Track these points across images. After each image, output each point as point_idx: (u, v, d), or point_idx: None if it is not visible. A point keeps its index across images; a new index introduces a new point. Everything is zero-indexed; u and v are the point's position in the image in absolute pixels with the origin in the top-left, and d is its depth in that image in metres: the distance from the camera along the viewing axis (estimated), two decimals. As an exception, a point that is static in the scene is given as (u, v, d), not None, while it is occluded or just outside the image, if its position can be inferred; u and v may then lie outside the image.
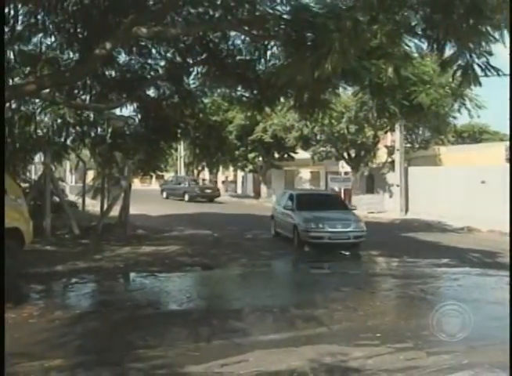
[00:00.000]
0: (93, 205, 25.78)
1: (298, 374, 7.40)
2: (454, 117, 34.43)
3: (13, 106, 20.49)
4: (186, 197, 50.67)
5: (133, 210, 22.34)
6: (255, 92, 19.20)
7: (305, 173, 53.85)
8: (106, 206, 22.18)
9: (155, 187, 64.57)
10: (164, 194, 54.97)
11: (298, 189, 41.37)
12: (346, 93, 28.66)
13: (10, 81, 18.67)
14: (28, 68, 19.21)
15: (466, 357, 7.91)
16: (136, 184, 45.85)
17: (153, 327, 9.75)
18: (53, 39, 18.68)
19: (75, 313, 10.55)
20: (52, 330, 9.27)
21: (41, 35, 18.38)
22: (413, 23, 12.93)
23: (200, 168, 65.41)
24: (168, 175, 64.85)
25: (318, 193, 29.54)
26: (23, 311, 10.41)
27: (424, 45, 13.63)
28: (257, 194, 55.06)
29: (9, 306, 10.42)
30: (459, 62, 12.72)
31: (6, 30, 17.54)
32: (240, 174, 63.07)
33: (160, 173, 36.47)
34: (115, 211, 22.38)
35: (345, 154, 42.54)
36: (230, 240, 21.29)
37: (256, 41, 17.15)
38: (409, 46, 14.47)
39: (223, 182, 68.05)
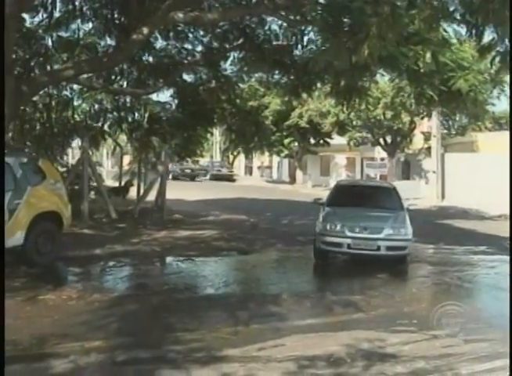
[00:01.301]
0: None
1: (335, 359, 7.41)
2: (493, 104, 34.08)
3: (51, 91, 20.71)
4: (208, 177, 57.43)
5: (169, 194, 22.44)
6: (292, 77, 19.17)
7: (341, 159, 53.63)
8: (142, 190, 22.34)
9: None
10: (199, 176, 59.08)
11: (347, 179, 40.95)
12: (383, 79, 28.41)
13: (48, 67, 18.86)
14: (66, 54, 19.34)
15: (503, 345, 7.85)
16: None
17: (190, 310, 9.82)
18: (91, 25, 18.83)
19: (113, 296, 10.69)
20: (91, 312, 9.38)
21: (78, 21, 18.51)
22: (452, 9, 12.78)
23: (235, 154, 65.56)
24: (204, 160, 65.20)
25: (367, 184, 20.77)
26: (63, 293, 10.55)
27: (463, 31, 13.50)
28: (293, 180, 54.99)
29: (48, 288, 10.69)
30: (498, 48, 12.55)
31: (44, 16, 17.75)
32: (276, 159, 63.02)
33: (195, 158, 36.69)
34: (151, 196, 22.51)
35: (381, 140, 42.32)
36: (266, 226, 21.31)
37: (293, 26, 17.11)
38: (447, 32, 14.36)
39: (258, 167, 68.12)
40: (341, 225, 14.14)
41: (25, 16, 17.49)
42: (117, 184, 25.76)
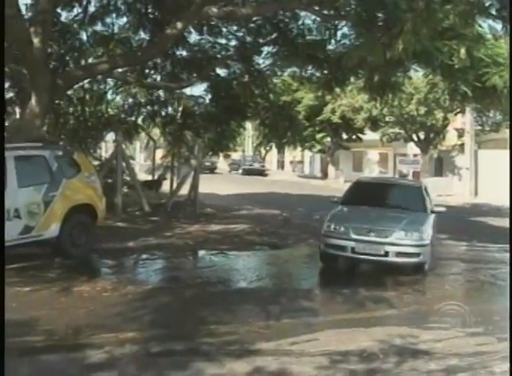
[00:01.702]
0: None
1: (368, 355, 7.40)
2: (528, 101, 33.60)
3: (85, 85, 20.90)
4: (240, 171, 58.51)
5: (202, 188, 22.53)
6: (325, 71, 19.15)
7: (373, 154, 53.39)
8: (175, 184, 22.44)
9: (221, 166, 65.00)
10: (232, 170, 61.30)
11: (374, 175, 40.67)
12: (416, 74, 28.23)
13: (83, 61, 19.06)
14: (101, 48, 19.51)
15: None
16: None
17: (223, 303, 9.88)
18: (125, 20, 18.97)
19: (147, 288, 10.75)
20: (125, 303, 9.46)
21: (113, 16, 18.67)
22: (487, 4, 12.68)
23: (267, 148, 65.62)
24: (236, 155, 65.40)
25: (389, 182, 17.62)
26: (97, 285, 10.66)
27: (498, 26, 13.37)
28: (325, 175, 54.86)
29: (83, 280, 10.82)
30: (535, 44, 12.43)
31: (80, 11, 17.94)
32: (308, 154, 62.94)
33: (228, 152, 36.77)
34: (184, 190, 22.61)
35: (414, 136, 42.04)
36: (298, 221, 21.28)
37: (326, 20, 17.10)
38: (482, 27, 14.23)
39: (291, 162, 68.09)
40: (346, 226, 12.65)
41: (60, 11, 17.71)
42: (149, 178, 25.91)
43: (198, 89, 63.27)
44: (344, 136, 51.13)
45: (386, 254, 12.26)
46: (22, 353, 7.09)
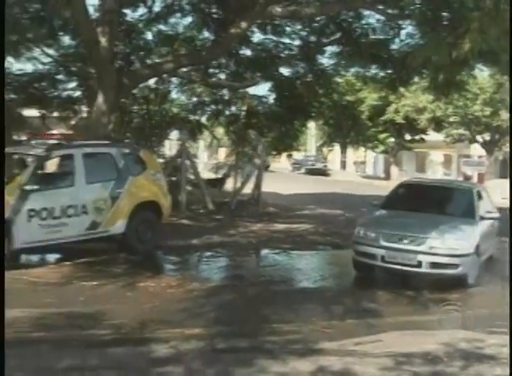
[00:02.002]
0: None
1: (432, 358, 7.30)
2: None
3: (151, 84, 21.14)
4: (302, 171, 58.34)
5: (264, 187, 22.55)
6: (389, 71, 19.01)
7: (437, 155, 52.71)
8: (238, 183, 22.50)
9: (283, 166, 65.01)
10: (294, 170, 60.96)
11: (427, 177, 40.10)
12: (481, 74, 27.78)
13: (148, 60, 19.30)
14: (166, 47, 19.72)
15: None
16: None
17: (286, 302, 9.85)
18: (190, 19, 19.13)
19: (211, 286, 10.83)
20: (189, 300, 9.54)
21: (178, 15, 18.84)
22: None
23: (330, 148, 65.45)
24: (299, 154, 65.42)
25: (437, 185, 15.09)
26: (162, 281, 10.80)
27: None
28: (388, 176, 54.36)
29: (148, 275, 10.97)
30: None
31: (145, 11, 18.17)
32: (370, 154, 62.53)
33: (291, 152, 36.74)
34: (247, 189, 22.64)
35: (479, 137, 41.37)
36: (362, 221, 21.08)
37: (390, 20, 16.95)
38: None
39: (354, 162, 67.71)
40: (376, 232, 11.55)
41: (126, 10, 17.97)
42: (212, 176, 26.05)
43: (262, 89, 63.43)
44: (408, 137, 50.62)
45: (419, 264, 11.05)
46: (89, 345, 7.24)
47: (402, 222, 12.00)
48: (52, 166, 13.21)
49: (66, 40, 19.60)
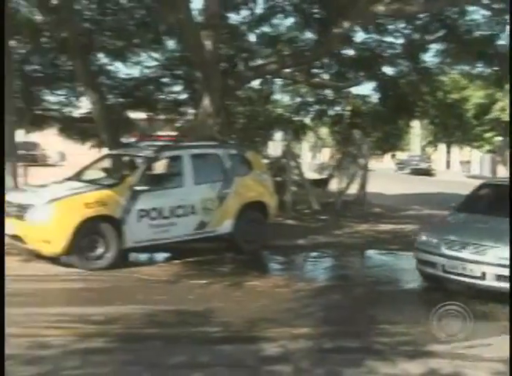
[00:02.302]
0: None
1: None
2: None
3: (254, 85, 21.34)
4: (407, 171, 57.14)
5: (368, 188, 22.34)
6: (495, 68, 18.52)
7: (547, 155, 50.83)
8: (343, 183, 22.38)
9: (387, 166, 64.25)
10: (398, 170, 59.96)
11: None
12: None
13: (251, 62, 19.47)
14: (269, 49, 19.84)
15: None
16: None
17: (393, 303, 9.74)
18: (292, 20, 19.19)
19: (317, 286, 10.78)
20: (296, 300, 9.53)
21: (280, 17, 18.93)
22: None
23: (434, 148, 64.28)
24: (403, 154, 64.62)
25: None
26: (269, 280, 10.87)
27: None
28: (495, 175, 52.87)
29: (255, 275, 11.07)
30: None
31: (247, 13, 18.35)
32: (476, 154, 60.95)
33: (395, 152, 36.26)
34: (352, 189, 22.49)
35: None
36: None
37: (496, 15, 16.53)
38: None
39: (460, 162, 66.19)
40: (439, 238, 10.21)
41: (229, 14, 18.21)
42: (317, 176, 26.01)
43: (365, 88, 62.97)
44: (515, 136, 49.11)
45: (483, 276, 9.53)
46: (200, 342, 7.35)
47: (471, 227, 10.54)
48: (160, 167, 13.52)
49: (171, 44, 20.08)
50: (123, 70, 27.25)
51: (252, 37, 19.91)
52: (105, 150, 16.86)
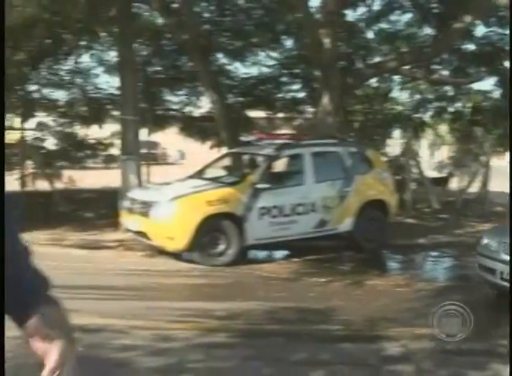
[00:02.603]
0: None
1: None
2: None
3: (370, 83, 21.16)
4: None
5: (490, 186, 21.74)
6: None
7: None
8: (464, 182, 21.88)
9: (507, 163, 62.18)
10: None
11: None
12: None
13: (370, 59, 19.34)
14: (387, 46, 19.64)
15: None
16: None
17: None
18: (410, 16, 18.92)
19: (437, 286, 10.64)
20: (417, 299, 9.43)
21: (398, 13, 18.71)
22: None
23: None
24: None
25: None
26: (389, 279, 10.81)
27: None
28: None
29: (375, 274, 11.03)
30: None
31: (365, 10, 18.24)
32: None
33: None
34: (473, 188, 21.97)
35: None
36: None
37: None
38: None
39: None
40: (500, 241, 8.88)
41: (346, 11, 18.15)
42: (436, 174, 25.54)
43: (487, 84, 61.05)
44: None
45: None
46: (320, 340, 7.41)
47: None
48: (280, 165, 13.65)
49: (289, 43, 20.20)
50: (241, 69, 27.57)
51: (370, 35, 19.79)
52: (224, 149, 17.15)
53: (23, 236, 1.87)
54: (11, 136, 19.91)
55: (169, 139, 29.51)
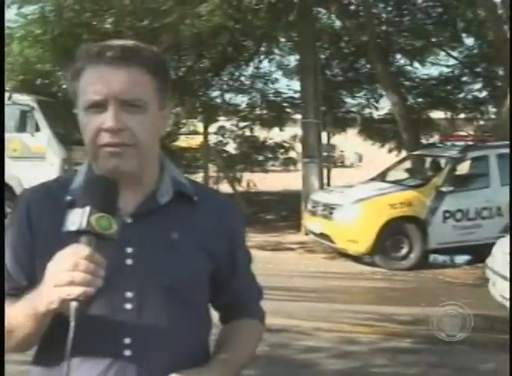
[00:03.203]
0: None
1: None
2: None
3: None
4: None
5: None
6: None
7: None
8: None
9: None
10: None
11: None
12: None
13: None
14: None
15: None
16: None
17: None
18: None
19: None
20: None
21: None
22: None
23: None
24: None
25: None
26: None
27: None
28: None
29: None
30: None
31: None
32: None
33: None
34: None
35: None
36: None
37: None
38: None
39: None
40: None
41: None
42: None
43: None
44: None
45: None
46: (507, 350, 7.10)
47: None
48: (463, 167, 13.26)
49: (470, 41, 19.62)
50: (421, 70, 27.10)
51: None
52: (403, 153, 16.93)
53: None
54: (195, 141, 20.78)
55: (347, 141, 29.56)
